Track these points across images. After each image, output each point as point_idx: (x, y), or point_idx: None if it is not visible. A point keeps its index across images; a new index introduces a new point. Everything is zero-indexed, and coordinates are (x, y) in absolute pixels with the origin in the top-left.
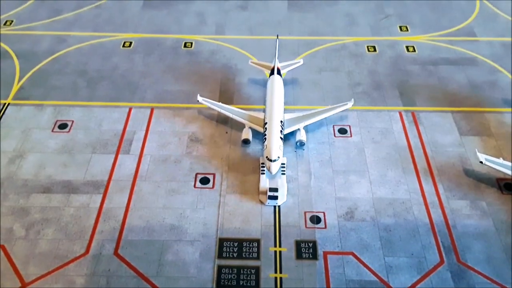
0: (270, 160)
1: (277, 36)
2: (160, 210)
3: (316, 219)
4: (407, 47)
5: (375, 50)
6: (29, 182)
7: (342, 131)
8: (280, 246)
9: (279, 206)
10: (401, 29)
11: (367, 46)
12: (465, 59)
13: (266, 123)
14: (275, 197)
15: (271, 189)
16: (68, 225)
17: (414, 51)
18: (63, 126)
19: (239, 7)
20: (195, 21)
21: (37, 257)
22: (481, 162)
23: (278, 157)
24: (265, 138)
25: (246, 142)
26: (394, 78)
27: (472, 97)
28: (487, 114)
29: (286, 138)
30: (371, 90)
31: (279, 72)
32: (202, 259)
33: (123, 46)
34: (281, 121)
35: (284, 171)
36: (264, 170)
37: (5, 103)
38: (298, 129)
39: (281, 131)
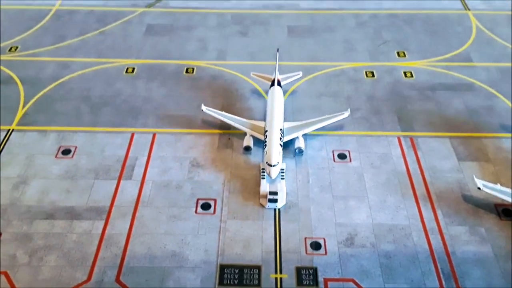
0: (270, 165)
1: (278, 49)
2: (161, 236)
3: (316, 245)
4: (404, 72)
5: (373, 75)
6: (33, 208)
7: (342, 156)
8: (280, 272)
9: (279, 231)
10: (398, 55)
11: (366, 72)
12: (462, 84)
13: (266, 131)
14: (275, 200)
15: (271, 193)
16: (70, 252)
17: (412, 76)
18: (66, 151)
19: (239, 33)
20: (196, 47)
21: (40, 284)
22: (479, 188)
23: (278, 163)
24: (266, 145)
25: (247, 149)
26: (393, 103)
27: (470, 123)
28: (485, 139)
29: (286, 146)
30: (370, 115)
31: (279, 84)
32: (203, 286)
33: (126, 72)
34: (281, 129)
35: (283, 176)
36: (264, 175)
37: (9, 129)
38: (297, 137)
39: (280, 138)
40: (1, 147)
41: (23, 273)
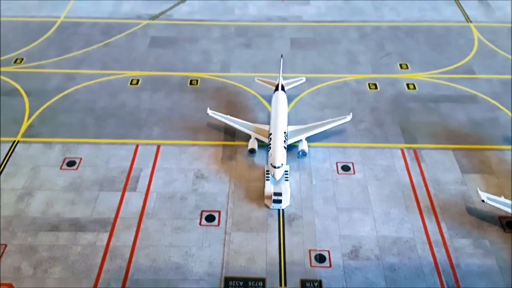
0: (275, 167)
1: (281, 55)
2: (166, 248)
3: (321, 258)
4: (407, 84)
5: (376, 87)
6: (37, 220)
7: (346, 168)
8: (285, 285)
9: (284, 243)
10: (401, 67)
11: (369, 84)
12: (465, 96)
13: (271, 134)
14: (279, 201)
15: (276, 194)
16: (75, 264)
17: (415, 88)
18: (71, 163)
19: (243, 45)
20: (200, 59)
21: None
22: (483, 200)
23: (282, 164)
24: (270, 147)
25: (252, 151)
26: (396, 115)
27: (473, 135)
28: (488, 151)
29: (289, 150)
30: (373, 127)
31: (283, 88)
32: None
33: (131, 83)
34: (285, 132)
35: (287, 177)
36: (268, 177)
37: (14, 141)
38: (301, 140)
39: (284, 141)
40: (7, 158)
41: (28, 285)
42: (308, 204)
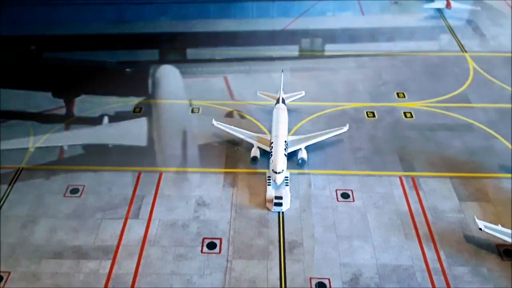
0: (276, 172)
1: (282, 70)
2: (168, 276)
3: (321, 286)
4: (404, 113)
5: (374, 115)
6: (41, 247)
7: (345, 195)
8: None
9: (284, 271)
10: (398, 96)
11: (367, 112)
12: (461, 125)
13: (272, 142)
14: (280, 204)
15: (277, 197)
16: None
17: (412, 117)
18: (74, 190)
19: (243, 73)
20: (202, 87)
21: None
22: (480, 229)
23: (283, 170)
24: (271, 155)
25: (254, 159)
26: (394, 143)
27: (469, 163)
28: (485, 180)
29: (289, 158)
30: (371, 155)
31: (283, 101)
32: None
33: (134, 111)
34: (285, 141)
35: (287, 183)
36: (270, 182)
37: (19, 168)
38: (300, 149)
39: (285, 149)
40: (11, 186)
41: None
42: (309, 232)
